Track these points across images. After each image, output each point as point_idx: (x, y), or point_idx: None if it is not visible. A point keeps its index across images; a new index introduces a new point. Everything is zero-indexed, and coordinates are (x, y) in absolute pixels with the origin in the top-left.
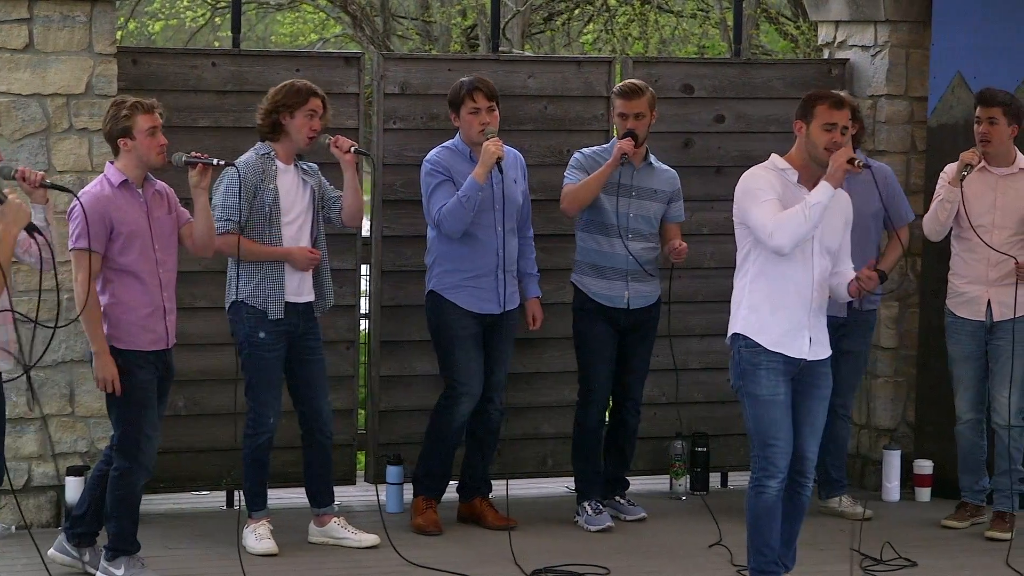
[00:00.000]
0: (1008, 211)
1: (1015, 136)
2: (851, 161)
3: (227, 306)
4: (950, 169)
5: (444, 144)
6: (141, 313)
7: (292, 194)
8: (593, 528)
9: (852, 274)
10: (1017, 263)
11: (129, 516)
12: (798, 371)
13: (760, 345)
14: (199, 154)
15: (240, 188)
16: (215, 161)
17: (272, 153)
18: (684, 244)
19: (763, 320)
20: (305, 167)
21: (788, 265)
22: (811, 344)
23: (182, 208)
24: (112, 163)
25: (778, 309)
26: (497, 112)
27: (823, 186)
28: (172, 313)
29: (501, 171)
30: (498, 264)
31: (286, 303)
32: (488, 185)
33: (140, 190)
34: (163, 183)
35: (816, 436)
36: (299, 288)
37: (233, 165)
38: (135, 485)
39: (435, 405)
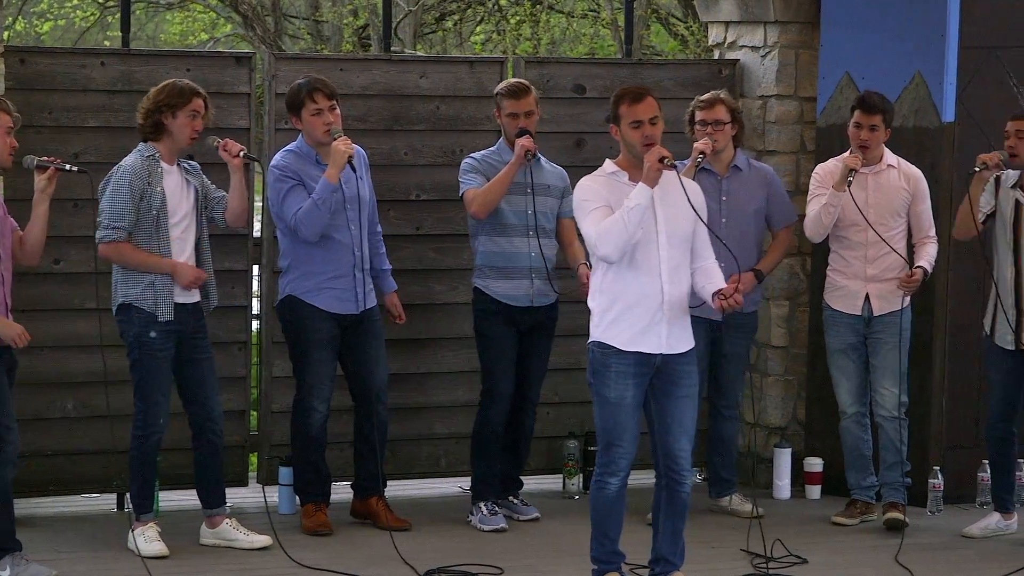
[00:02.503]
0: (881, 208)
1: (887, 139)
2: (662, 160)
3: (114, 308)
4: (822, 170)
5: (287, 148)
6: None
7: (177, 195)
8: (487, 528)
9: (716, 270)
10: (902, 281)
11: (4, 512)
12: (657, 368)
13: (612, 347)
14: (52, 158)
15: (128, 192)
16: (67, 166)
17: (156, 154)
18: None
19: (615, 321)
20: (188, 167)
21: (635, 262)
22: (668, 337)
23: (10, 217)
24: None
25: (629, 307)
26: (338, 110)
27: (640, 188)
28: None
29: (354, 169)
30: (355, 263)
31: (175, 304)
32: (340, 185)
33: None
34: None
35: (687, 434)
36: (186, 289)
37: (86, 172)
38: (4, 479)
39: (292, 414)
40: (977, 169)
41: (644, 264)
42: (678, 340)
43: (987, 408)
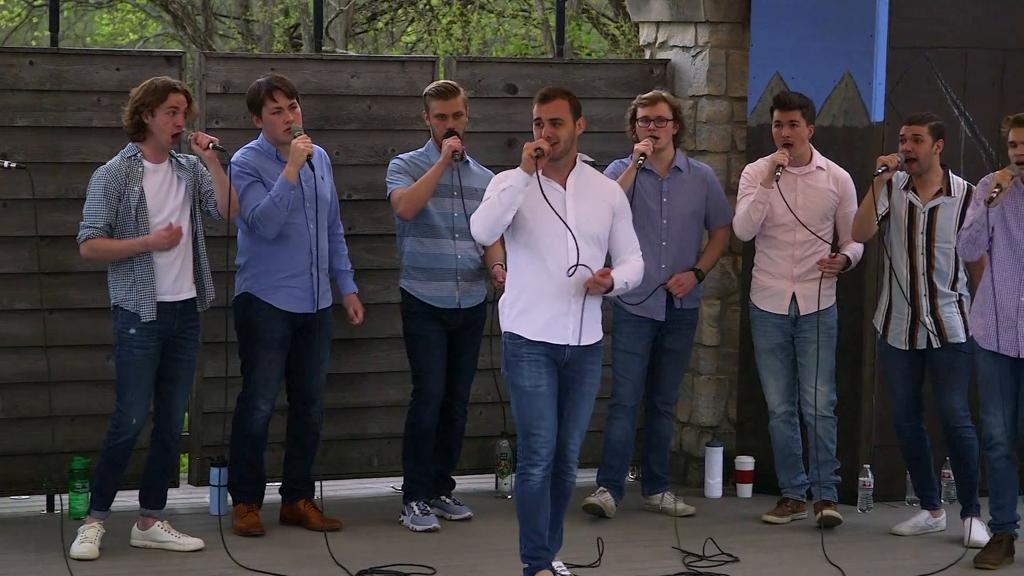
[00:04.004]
0: (810, 209)
1: (812, 136)
2: (537, 151)
3: (112, 310)
4: (751, 170)
5: (249, 145)
6: None
7: (162, 193)
8: (419, 528)
9: (632, 264)
10: (821, 260)
11: None
12: (566, 360)
13: (523, 337)
14: None
15: (103, 193)
16: (5, 163)
17: (139, 154)
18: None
19: (523, 312)
20: (182, 161)
21: (543, 256)
22: (575, 329)
23: None
24: None
25: (537, 299)
26: (298, 109)
27: (516, 172)
28: None
29: (312, 168)
30: (312, 262)
31: (160, 303)
32: (299, 183)
33: None
34: None
35: (580, 430)
36: (174, 286)
37: (23, 167)
38: None
39: (235, 410)
40: (880, 171)
41: (552, 259)
42: (586, 333)
43: (892, 409)
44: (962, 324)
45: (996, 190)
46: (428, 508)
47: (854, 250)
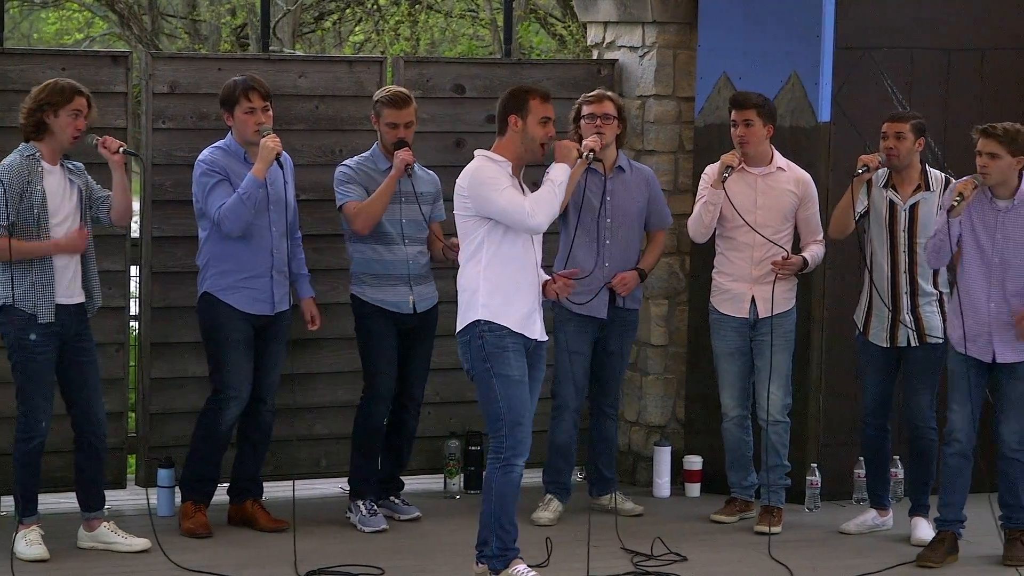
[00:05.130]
0: (769, 210)
1: (771, 136)
2: (579, 152)
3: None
4: (711, 171)
5: (216, 144)
6: None
7: (60, 195)
8: (368, 529)
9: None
10: (775, 261)
11: None
12: (528, 351)
13: (505, 327)
14: None
15: (5, 191)
16: (121, 149)
17: (37, 154)
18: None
19: (504, 304)
20: (71, 167)
21: (517, 251)
22: (540, 325)
23: None
24: None
25: (515, 293)
26: (271, 112)
27: (561, 167)
28: None
29: (281, 166)
30: (272, 265)
31: (57, 305)
32: (263, 185)
33: None
34: None
35: (530, 417)
36: (69, 290)
37: (136, 154)
38: None
39: (203, 409)
40: (860, 171)
41: (524, 256)
42: (543, 329)
43: (861, 405)
44: (941, 323)
45: (957, 199)
46: (376, 508)
47: (814, 252)
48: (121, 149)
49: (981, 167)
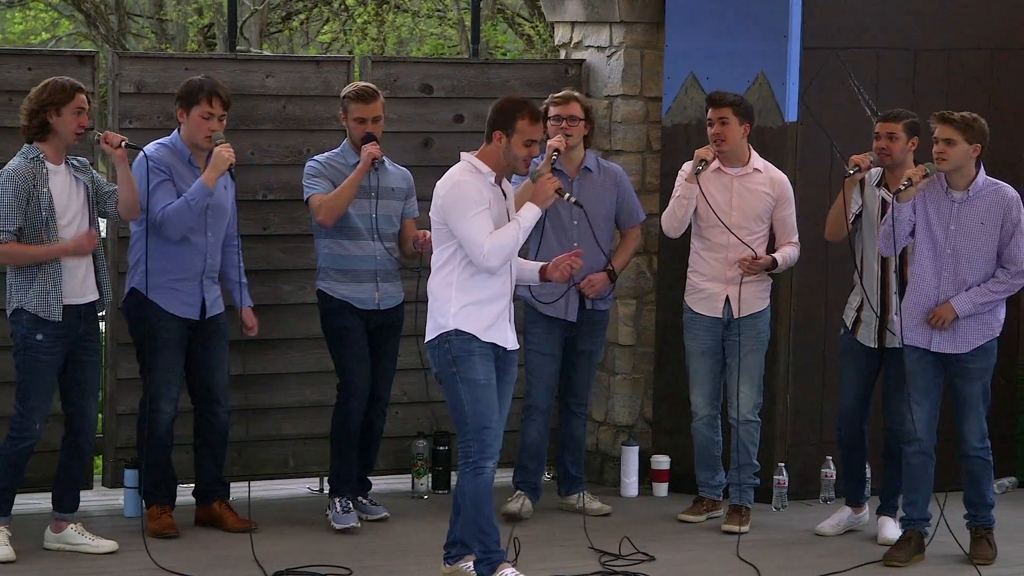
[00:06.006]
0: (744, 210)
1: (748, 135)
2: (559, 192)
3: (9, 312)
4: (688, 167)
5: (161, 141)
6: None
7: (66, 195)
8: (339, 526)
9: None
10: (742, 260)
11: None
12: (497, 358)
13: (472, 334)
14: None
15: (13, 196)
16: (124, 143)
17: (41, 155)
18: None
19: (475, 313)
20: (76, 163)
21: None
22: (511, 332)
23: None
24: None
25: (487, 302)
26: (224, 121)
27: (533, 211)
28: None
29: (233, 177)
30: (203, 270)
31: (65, 306)
32: (212, 194)
33: None
34: None
35: (502, 421)
36: (80, 289)
37: (138, 148)
38: None
39: (139, 414)
40: (851, 172)
41: (502, 268)
42: (515, 338)
43: (838, 404)
44: None
45: (905, 183)
46: (350, 506)
47: (786, 254)
48: (123, 144)
49: (938, 153)
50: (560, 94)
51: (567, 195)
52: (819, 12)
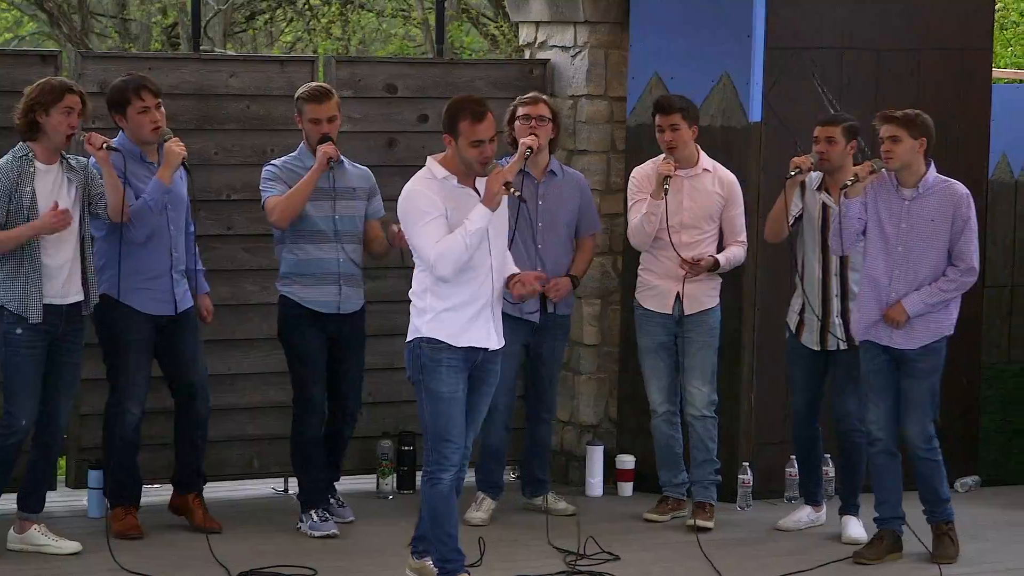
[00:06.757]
0: (696, 211)
1: (696, 137)
2: (506, 185)
3: None
4: (638, 174)
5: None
6: None
7: (53, 194)
8: (318, 534)
9: (509, 255)
10: (683, 262)
11: None
12: (478, 363)
13: (444, 342)
14: None
15: None
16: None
17: (30, 154)
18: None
19: (450, 318)
20: (72, 162)
21: (471, 264)
22: (492, 332)
23: None
24: None
25: (463, 305)
26: (163, 108)
27: (481, 211)
28: None
29: (188, 171)
30: (172, 265)
31: (47, 305)
32: (170, 191)
33: None
34: None
35: (475, 429)
36: (63, 289)
37: (117, 150)
38: None
39: (105, 415)
40: (793, 174)
41: (480, 267)
42: (499, 335)
43: (791, 407)
44: None
45: (852, 179)
46: (328, 515)
47: (731, 254)
48: (104, 145)
49: (884, 152)
50: (528, 95)
51: (512, 189)
52: (783, 12)
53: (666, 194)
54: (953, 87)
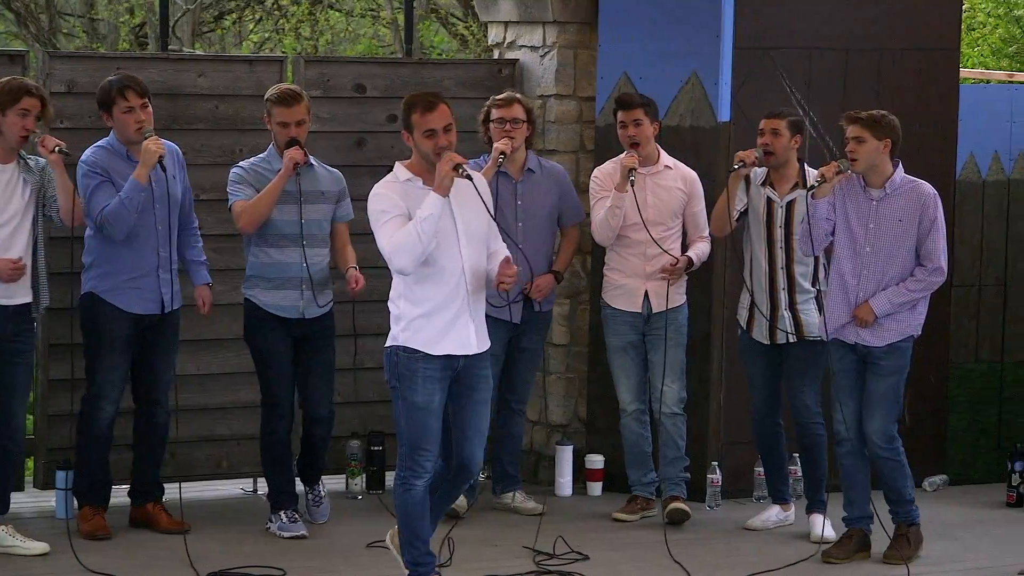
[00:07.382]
0: (659, 208)
1: (657, 134)
2: (456, 168)
3: None
4: (600, 173)
5: (99, 144)
6: None
7: (6, 194)
8: (287, 535)
9: (504, 253)
10: (664, 267)
11: None
12: (458, 370)
13: (420, 351)
14: None
15: None
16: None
17: None
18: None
19: (425, 326)
20: (31, 163)
21: (438, 266)
22: (471, 336)
23: None
24: None
25: (437, 311)
26: (150, 108)
27: (432, 197)
28: None
29: (164, 169)
30: (159, 264)
31: None
32: (149, 184)
33: None
34: None
35: (482, 440)
36: (10, 290)
37: (69, 153)
38: None
39: (79, 413)
40: (736, 167)
41: (448, 267)
42: (480, 339)
43: (751, 404)
44: (819, 320)
45: (819, 179)
46: (297, 516)
47: (699, 250)
48: (57, 148)
49: (849, 152)
50: (502, 96)
51: (462, 170)
52: (752, 12)
53: (632, 186)
54: (921, 87)
